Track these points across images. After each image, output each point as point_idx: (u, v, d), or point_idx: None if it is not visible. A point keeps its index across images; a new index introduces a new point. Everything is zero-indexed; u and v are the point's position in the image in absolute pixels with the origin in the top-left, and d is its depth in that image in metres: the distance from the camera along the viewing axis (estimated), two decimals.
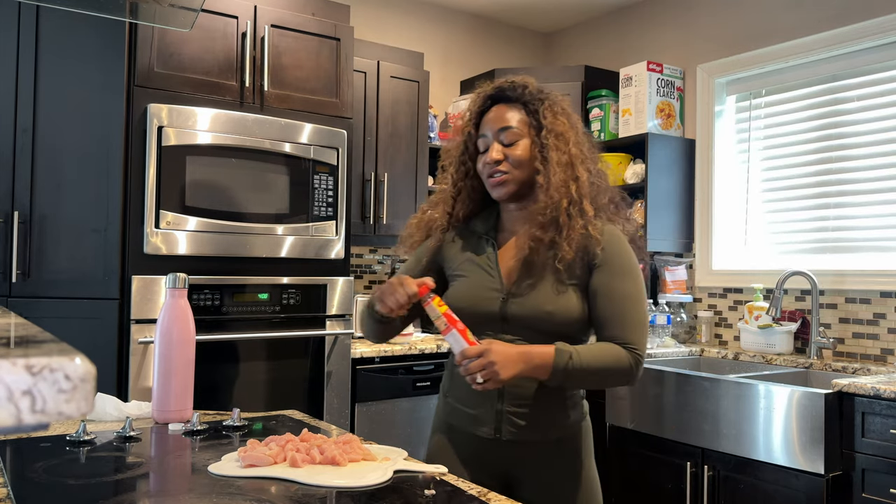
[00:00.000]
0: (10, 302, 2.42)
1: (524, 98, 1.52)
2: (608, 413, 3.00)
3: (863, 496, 2.26)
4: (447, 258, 1.62)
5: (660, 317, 3.40)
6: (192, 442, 1.40)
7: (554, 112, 1.50)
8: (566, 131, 1.48)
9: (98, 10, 1.98)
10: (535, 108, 1.50)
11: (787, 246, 3.32)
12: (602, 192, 1.51)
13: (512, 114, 1.51)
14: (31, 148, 2.47)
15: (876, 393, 2.23)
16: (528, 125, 1.50)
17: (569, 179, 1.45)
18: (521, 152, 1.49)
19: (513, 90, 1.53)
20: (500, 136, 1.50)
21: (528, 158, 1.49)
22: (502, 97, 1.54)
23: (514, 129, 1.50)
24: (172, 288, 1.57)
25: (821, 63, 3.20)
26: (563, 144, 1.47)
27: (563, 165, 1.46)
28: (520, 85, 1.53)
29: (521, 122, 1.50)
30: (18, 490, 1.06)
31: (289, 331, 2.78)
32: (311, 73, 2.91)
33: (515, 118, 1.51)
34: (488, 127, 1.52)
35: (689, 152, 3.63)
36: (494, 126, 1.51)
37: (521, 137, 1.50)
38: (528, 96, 1.52)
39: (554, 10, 4.21)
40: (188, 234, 2.59)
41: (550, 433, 1.50)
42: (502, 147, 1.50)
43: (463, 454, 1.53)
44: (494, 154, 1.49)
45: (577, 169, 1.46)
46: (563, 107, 1.53)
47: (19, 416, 0.40)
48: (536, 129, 1.49)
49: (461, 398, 1.54)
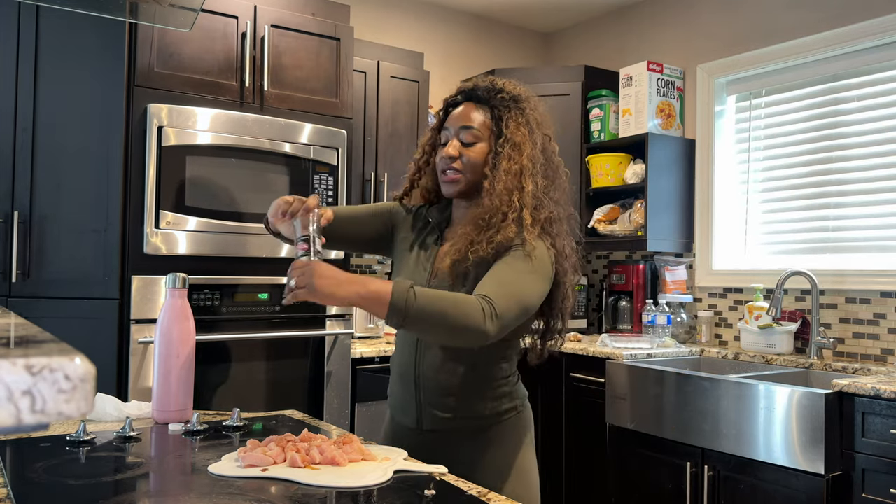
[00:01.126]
0: (10, 302, 2.42)
1: (493, 102, 1.53)
2: (608, 413, 3.01)
3: (863, 496, 2.26)
4: (398, 227, 1.67)
5: (660, 317, 3.40)
6: (191, 442, 1.40)
7: (517, 122, 1.50)
8: (523, 142, 1.49)
9: (98, 10, 1.99)
10: (501, 114, 1.51)
11: (788, 246, 3.32)
12: (543, 207, 1.50)
13: (477, 114, 1.53)
14: (31, 148, 2.47)
15: (876, 393, 2.23)
16: (490, 129, 1.52)
17: (514, 188, 1.46)
18: (476, 155, 1.51)
19: (485, 91, 1.54)
20: (460, 133, 1.52)
21: (481, 162, 1.51)
22: (474, 96, 1.55)
23: (474, 130, 1.51)
24: (172, 288, 1.57)
25: (821, 63, 3.20)
26: (516, 155, 1.48)
27: (511, 174, 1.46)
28: (495, 88, 1.54)
29: (482, 125, 1.52)
30: (18, 490, 1.06)
31: (289, 331, 2.78)
32: (311, 73, 2.91)
33: (479, 119, 1.52)
34: (452, 122, 1.54)
35: (689, 152, 3.63)
36: (457, 123, 1.53)
37: (479, 140, 1.51)
38: (497, 101, 1.53)
39: (554, 10, 4.21)
40: (188, 234, 2.59)
41: (471, 423, 1.49)
42: (460, 145, 1.52)
43: (395, 443, 1.57)
44: (450, 150, 1.51)
45: (524, 179, 1.47)
46: (532, 118, 1.53)
47: (19, 416, 0.40)
48: (496, 136, 1.51)
49: (393, 390, 1.60)
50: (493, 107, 1.53)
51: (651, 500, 2.82)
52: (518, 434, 1.55)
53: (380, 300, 1.28)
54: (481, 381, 1.50)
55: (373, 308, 1.29)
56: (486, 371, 1.50)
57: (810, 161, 3.25)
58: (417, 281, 1.52)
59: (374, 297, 1.28)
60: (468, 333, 1.30)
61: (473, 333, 1.30)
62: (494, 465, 1.50)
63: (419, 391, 1.52)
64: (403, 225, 1.67)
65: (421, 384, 1.51)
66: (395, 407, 1.59)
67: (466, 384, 1.49)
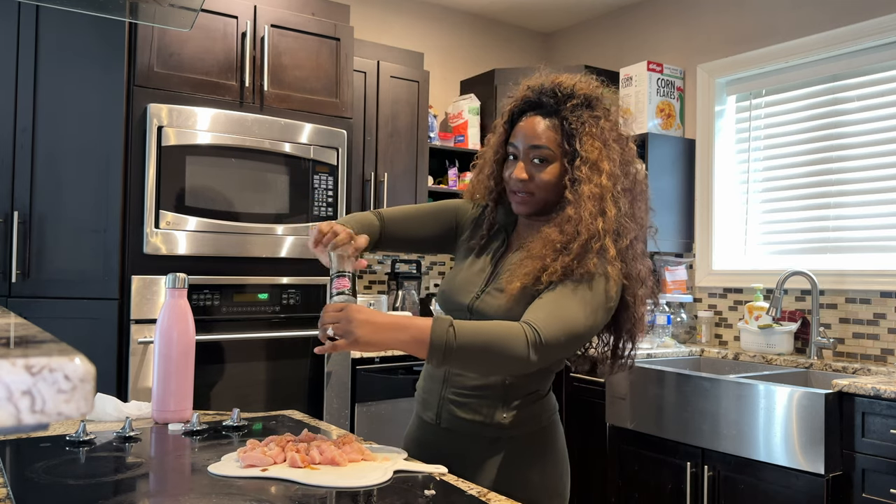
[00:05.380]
0: (9, 302, 2.42)
1: (563, 112, 1.40)
2: (608, 413, 3.00)
3: (863, 496, 2.26)
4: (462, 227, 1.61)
5: (660, 317, 3.40)
6: (191, 442, 1.39)
7: (592, 135, 1.38)
8: (600, 160, 1.37)
9: (98, 10, 1.98)
10: (573, 128, 1.39)
11: (788, 246, 3.32)
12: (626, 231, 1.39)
13: (546, 130, 1.41)
14: (31, 148, 2.47)
15: (876, 393, 2.23)
16: (561, 147, 1.40)
17: (597, 214, 1.35)
18: (549, 176, 1.41)
19: (553, 98, 1.42)
20: (530, 153, 1.41)
21: (554, 182, 1.41)
22: (541, 105, 1.43)
23: (545, 150, 1.40)
24: (172, 288, 1.57)
25: (821, 63, 3.20)
26: (595, 176, 1.37)
27: (594, 199, 1.36)
28: (564, 94, 1.42)
29: (553, 143, 1.40)
30: (18, 490, 1.06)
31: (289, 331, 2.78)
32: (310, 73, 2.91)
33: (549, 136, 1.40)
34: (520, 138, 1.43)
35: (689, 152, 3.63)
36: (526, 141, 1.42)
37: (551, 160, 1.41)
38: (567, 111, 1.40)
39: (554, 10, 4.21)
40: (188, 234, 2.59)
41: (487, 431, 1.42)
42: (531, 166, 1.41)
43: (413, 434, 1.56)
44: (521, 173, 1.41)
45: (605, 204, 1.36)
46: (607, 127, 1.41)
47: (19, 417, 0.40)
48: (570, 155, 1.39)
49: (420, 384, 1.56)
50: (564, 118, 1.40)
51: (651, 500, 2.82)
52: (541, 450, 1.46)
53: (420, 342, 1.23)
54: (507, 389, 1.42)
55: (413, 350, 1.24)
56: (516, 381, 1.42)
57: (810, 161, 3.25)
58: (473, 287, 1.47)
59: (414, 341, 1.23)
60: (511, 364, 1.26)
61: (517, 363, 1.25)
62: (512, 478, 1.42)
63: (444, 386, 1.47)
64: (468, 224, 1.60)
65: (448, 379, 1.47)
66: (419, 400, 1.56)
67: (491, 390, 1.42)
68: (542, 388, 1.48)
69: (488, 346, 1.23)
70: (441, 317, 1.25)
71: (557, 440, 1.50)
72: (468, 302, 1.46)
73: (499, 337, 1.24)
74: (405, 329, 1.24)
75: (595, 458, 3.12)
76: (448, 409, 1.46)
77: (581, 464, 3.24)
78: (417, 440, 1.54)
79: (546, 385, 1.49)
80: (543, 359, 1.26)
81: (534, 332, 1.25)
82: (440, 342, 1.22)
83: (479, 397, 1.43)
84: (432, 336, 1.22)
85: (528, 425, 1.44)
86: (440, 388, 1.48)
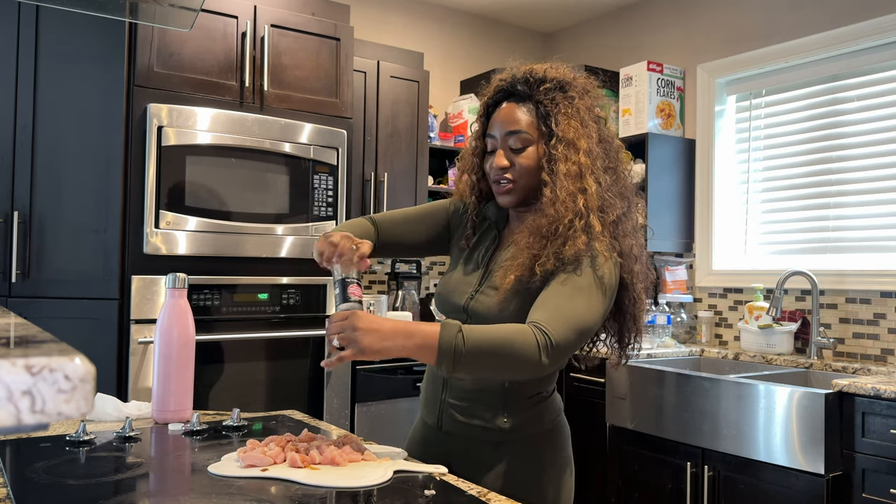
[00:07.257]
0: (9, 302, 2.42)
1: (536, 96, 1.40)
2: (608, 413, 3.00)
3: (863, 496, 2.26)
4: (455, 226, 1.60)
5: (660, 317, 3.39)
6: (191, 442, 1.39)
7: (567, 115, 1.37)
8: (577, 138, 1.36)
9: (98, 10, 1.98)
10: (548, 109, 1.39)
11: (788, 246, 3.32)
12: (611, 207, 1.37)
13: (521, 115, 1.40)
14: (31, 148, 2.47)
15: (876, 393, 2.23)
16: (538, 129, 1.39)
17: (577, 192, 1.33)
18: (528, 160, 1.39)
19: (525, 85, 1.41)
20: (507, 139, 1.40)
21: (535, 166, 1.39)
22: (515, 93, 1.42)
23: (522, 134, 1.39)
24: (172, 288, 1.57)
25: (821, 63, 3.20)
26: (572, 154, 1.35)
27: (571, 177, 1.34)
28: (536, 79, 1.41)
29: (529, 126, 1.39)
30: (18, 490, 1.06)
31: (289, 331, 2.78)
32: (310, 73, 2.91)
33: (525, 120, 1.40)
34: (496, 127, 1.43)
35: (689, 152, 3.63)
36: (502, 128, 1.41)
37: (529, 143, 1.39)
38: (541, 94, 1.40)
39: (554, 10, 4.21)
40: (188, 234, 2.59)
41: (488, 434, 1.40)
42: (510, 152, 1.40)
43: (417, 436, 1.55)
44: (501, 160, 1.40)
45: (585, 180, 1.34)
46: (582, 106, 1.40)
47: (19, 417, 0.40)
48: (547, 136, 1.38)
49: (423, 386, 1.55)
50: (538, 102, 1.40)
51: (651, 500, 2.82)
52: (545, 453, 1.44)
53: (428, 348, 1.20)
54: (507, 393, 1.40)
55: (421, 357, 1.22)
56: (517, 385, 1.40)
57: (810, 161, 3.25)
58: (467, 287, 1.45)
59: (422, 347, 1.21)
60: (523, 369, 1.23)
61: (529, 368, 1.22)
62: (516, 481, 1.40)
63: (445, 390, 1.46)
64: (460, 223, 1.58)
65: (448, 383, 1.45)
66: (422, 402, 1.55)
67: (491, 394, 1.40)
68: (546, 389, 1.46)
69: (498, 352, 1.21)
70: (449, 322, 1.23)
71: (563, 442, 1.49)
72: (463, 302, 1.44)
73: (509, 341, 1.21)
74: (412, 336, 1.21)
75: (595, 458, 3.12)
76: (448, 413, 1.45)
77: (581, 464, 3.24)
78: (421, 441, 1.53)
79: (549, 386, 1.47)
80: (555, 361, 1.24)
81: (544, 335, 1.22)
82: (449, 348, 1.19)
83: (478, 401, 1.41)
84: (441, 342, 1.19)
85: (531, 428, 1.42)
86: (440, 392, 1.47)
